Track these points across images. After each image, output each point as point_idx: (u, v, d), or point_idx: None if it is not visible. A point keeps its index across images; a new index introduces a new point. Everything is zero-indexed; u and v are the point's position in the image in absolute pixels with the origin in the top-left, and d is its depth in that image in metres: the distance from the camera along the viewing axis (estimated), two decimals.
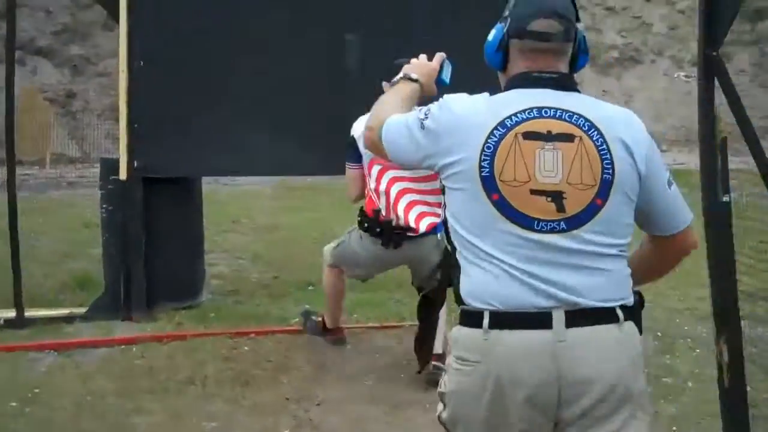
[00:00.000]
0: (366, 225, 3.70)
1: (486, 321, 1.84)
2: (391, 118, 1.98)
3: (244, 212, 8.01)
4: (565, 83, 1.91)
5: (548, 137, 1.85)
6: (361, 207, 3.74)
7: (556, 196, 1.85)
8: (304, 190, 9.13)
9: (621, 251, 1.89)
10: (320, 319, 4.26)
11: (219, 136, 4.54)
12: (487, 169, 1.85)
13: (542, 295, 1.83)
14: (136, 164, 4.55)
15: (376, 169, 3.64)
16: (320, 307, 4.40)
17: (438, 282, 3.66)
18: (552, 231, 1.85)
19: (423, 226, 3.57)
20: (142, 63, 4.51)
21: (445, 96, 1.95)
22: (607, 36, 14.93)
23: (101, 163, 4.88)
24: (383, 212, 3.61)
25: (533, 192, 1.84)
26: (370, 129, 2.01)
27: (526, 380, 1.82)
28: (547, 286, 1.84)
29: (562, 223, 1.86)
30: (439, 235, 3.59)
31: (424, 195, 3.58)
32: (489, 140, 1.85)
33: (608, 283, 1.87)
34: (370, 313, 4.85)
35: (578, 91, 1.93)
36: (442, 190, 1.91)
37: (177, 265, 4.70)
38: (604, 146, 1.86)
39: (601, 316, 1.85)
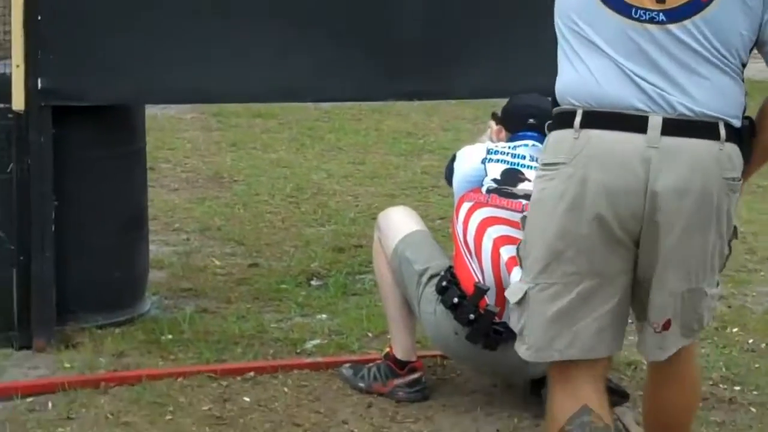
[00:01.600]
0: (454, 301, 3.40)
1: (578, 119, 2.40)
2: None
3: (163, 152, 7.53)
4: None
5: None
6: (450, 267, 3.51)
7: None
8: (244, 117, 8.75)
9: (731, 64, 2.39)
10: (388, 349, 3.79)
11: (182, 38, 4.15)
12: None
13: (641, 95, 2.36)
14: (40, 85, 4.08)
15: (465, 207, 3.51)
16: (343, 320, 4.34)
17: None
18: (651, 21, 2.36)
19: None
20: None
21: None
22: None
23: None
24: (480, 280, 3.39)
25: None
26: None
27: (613, 184, 2.36)
28: (647, 85, 2.36)
29: (661, 14, 2.36)
30: None
31: None
32: None
33: (713, 94, 2.38)
34: None
35: None
36: None
37: (106, 254, 4.34)
38: None
39: (701, 128, 2.37)
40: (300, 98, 4.88)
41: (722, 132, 2.39)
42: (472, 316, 3.37)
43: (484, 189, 3.48)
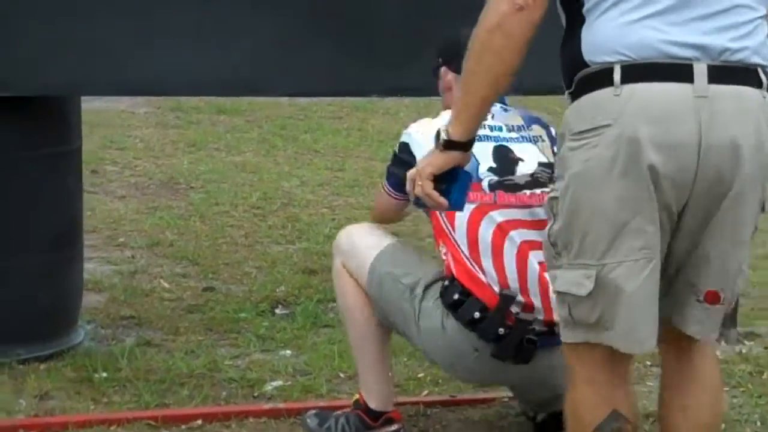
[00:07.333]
0: (475, 316, 3.31)
1: (617, 75, 2.52)
2: None
3: (110, 152, 7.64)
4: None
5: None
6: (452, 279, 3.38)
7: None
8: (206, 113, 8.90)
9: (762, 17, 2.59)
10: (357, 396, 3.73)
11: (121, 18, 4.14)
12: None
13: (682, 43, 2.51)
14: None
15: (465, 212, 3.31)
16: (311, 356, 4.33)
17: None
18: None
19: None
20: None
21: None
22: None
23: None
24: (509, 292, 3.34)
25: None
26: None
27: (665, 138, 2.49)
28: (688, 33, 2.52)
29: None
30: None
31: None
32: None
33: (752, 41, 2.55)
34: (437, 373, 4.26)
35: None
36: None
37: (30, 275, 4.34)
38: None
39: (745, 76, 2.54)
40: (266, 92, 4.85)
41: (763, 79, 2.55)
42: (501, 331, 3.29)
43: (485, 184, 3.32)
